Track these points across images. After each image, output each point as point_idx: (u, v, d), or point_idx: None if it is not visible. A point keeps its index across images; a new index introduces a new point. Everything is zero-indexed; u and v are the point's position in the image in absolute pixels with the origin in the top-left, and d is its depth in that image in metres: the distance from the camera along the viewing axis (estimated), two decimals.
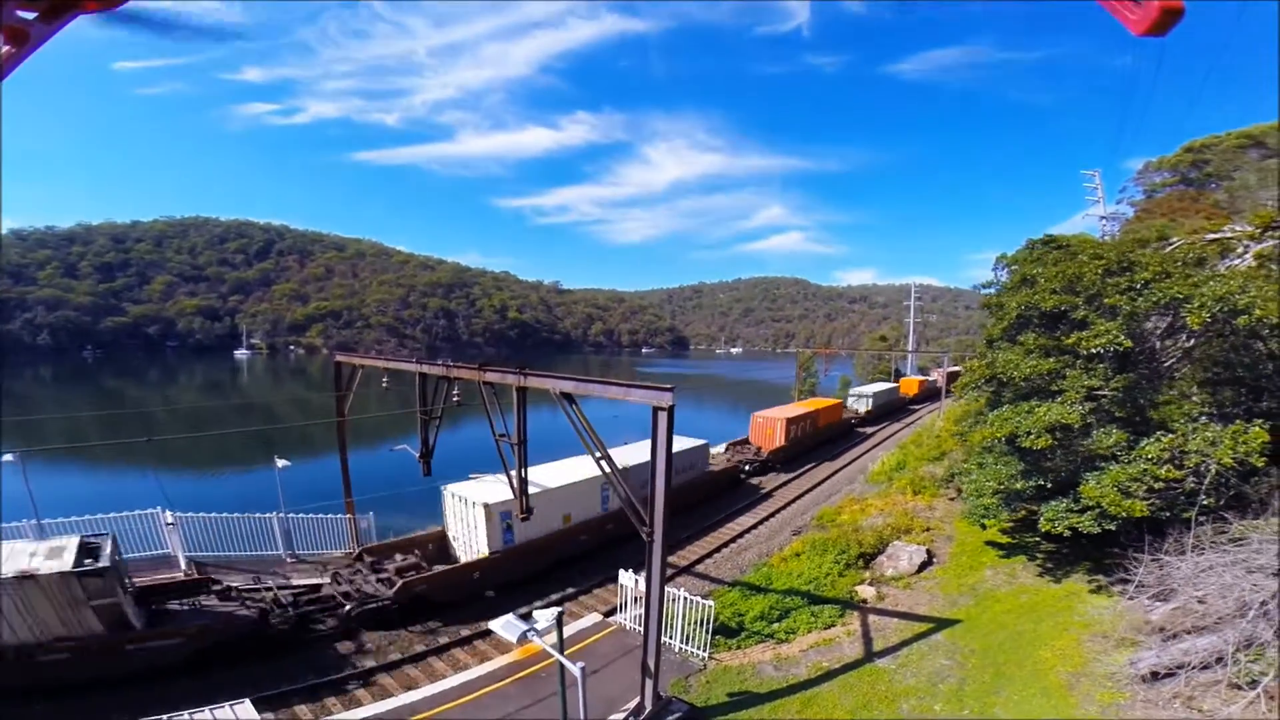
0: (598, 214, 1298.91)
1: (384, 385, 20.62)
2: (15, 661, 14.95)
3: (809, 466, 40.00)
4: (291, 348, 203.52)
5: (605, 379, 12.06)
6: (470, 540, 21.22)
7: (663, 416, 10.60)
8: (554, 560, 22.85)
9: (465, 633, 18.42)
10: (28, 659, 15.07)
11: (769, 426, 39.05)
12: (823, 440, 45.34)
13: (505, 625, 9.67)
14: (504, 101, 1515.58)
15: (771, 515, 30.33)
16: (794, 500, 33.14)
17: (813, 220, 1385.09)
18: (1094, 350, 16.29)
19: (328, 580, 19.97)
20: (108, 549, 15.91)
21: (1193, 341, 16.94)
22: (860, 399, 57.98)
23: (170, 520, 20.84)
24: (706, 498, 31.87)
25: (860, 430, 54.06)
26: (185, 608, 17.28)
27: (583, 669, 9.89)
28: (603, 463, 12.41)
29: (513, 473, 15.72)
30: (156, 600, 17.36)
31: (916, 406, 71.31)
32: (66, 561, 15.29)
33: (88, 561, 15.45)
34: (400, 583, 18.51)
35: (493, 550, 20.59)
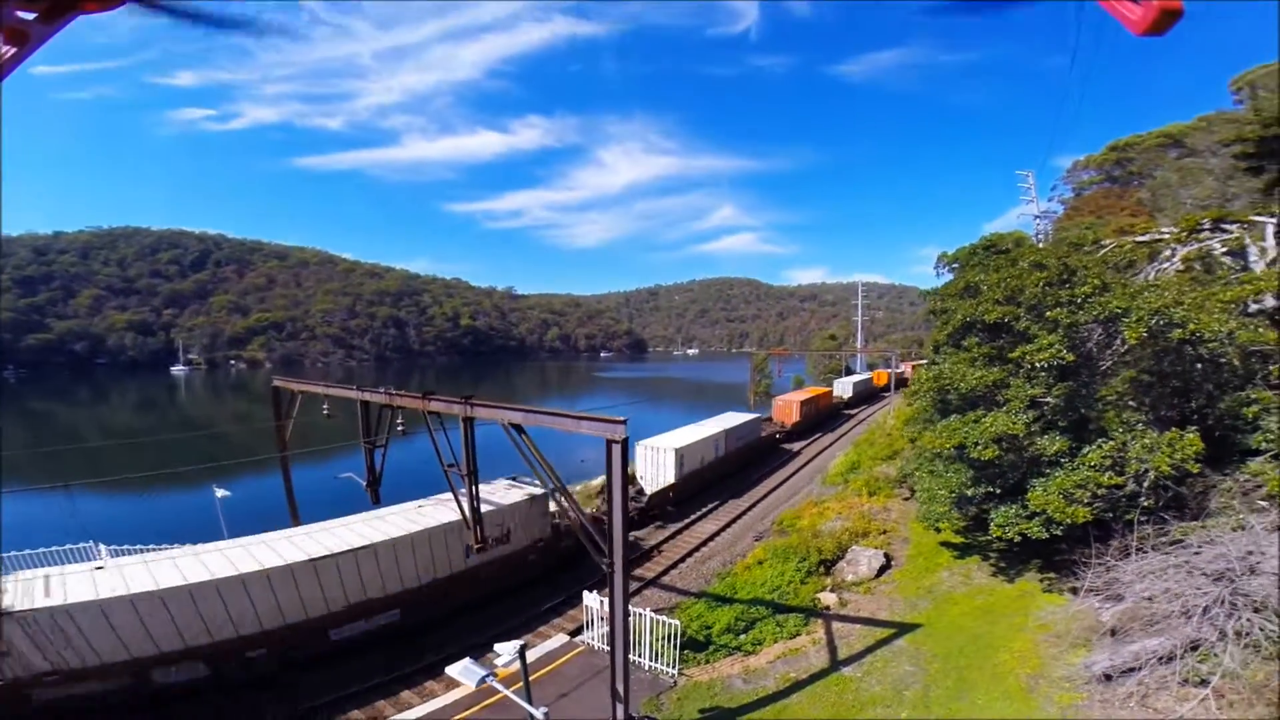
0: (551, 218, 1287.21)
1: (325, 413, 19.68)
2: (519, 563, 22.51)
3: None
4: (232, 362, 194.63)
5: (556, 411, 11.60)
6: (658, 475, 32.11)
7: (616, 449, 10.26)
8: (699, 486, 34.97)
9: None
10: (522, 560, 22.55)
11: (788, 407, 51.55)
12: (823, 418, 58.41)
13: (463, 670, 9.19)
14: (452, 105, 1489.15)
15: (751, 508, 34.02)
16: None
17: (763, 220, 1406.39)
18: (1038, 364, 16.71)
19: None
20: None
21: (1126, 347, 17.60)
22: (844, 387, 70.88)
23: (101, 562, 19.53)
24: (761, 455, 44.13)
25: (846, 412, 66.92)
26: None
27: (546, 713, 9.50)
28: (558, 495, 12.02)
29: (464, 501, 15.13)
30: None
31: (886, 394, 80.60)
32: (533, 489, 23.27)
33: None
34: (646, 499, 30.51)
35: (675, 480, 32.02)
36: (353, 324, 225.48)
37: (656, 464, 32.10)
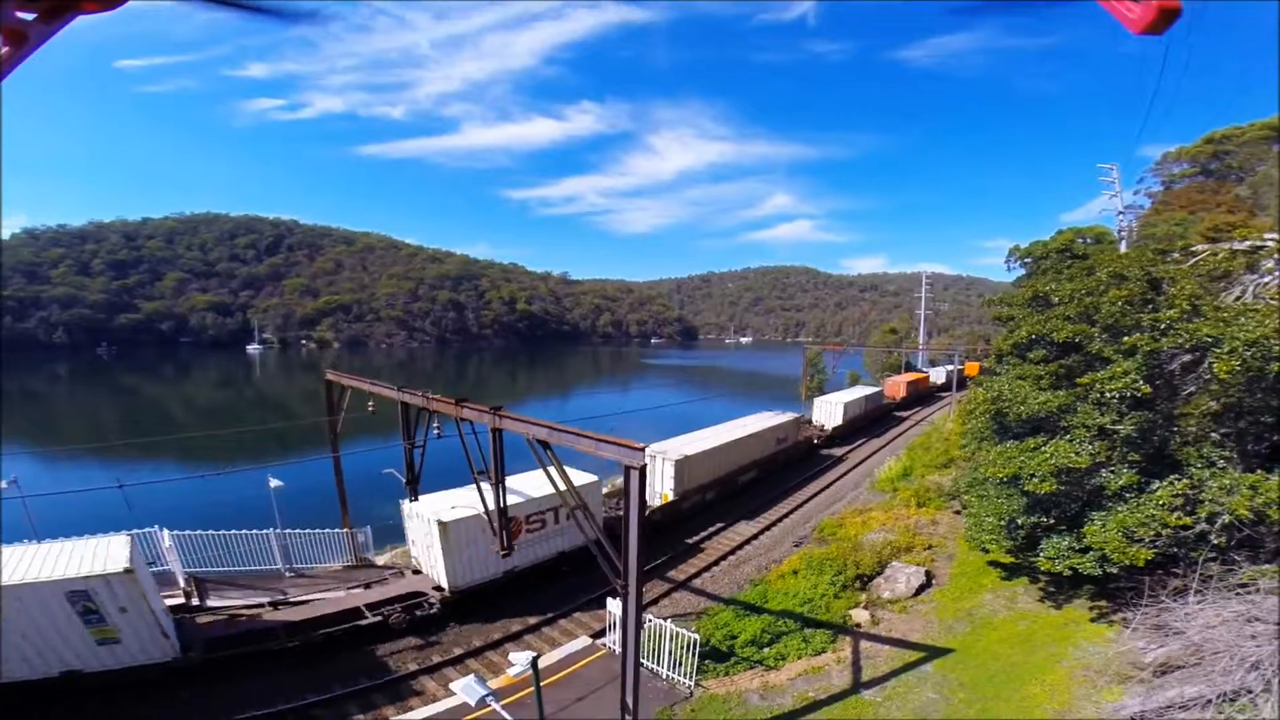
0: (605, 204, 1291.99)
1: (369, 409, 20.47)
2: (793, 451, 40.78)
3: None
4: (303, 342, 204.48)
5: (580, 431, 11.59)
6: (830, 419, 48.77)
7: (634, 475, 10.24)
8: (854, 429, 51.13)
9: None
10: (792, 451, 40.45)
11: (897, 386, 67.87)
12: (921, 396, 74.68)
13: (465, 688, 9.43)
14: (508, 93, 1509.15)
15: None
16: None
17: (821, 208, 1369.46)
18: (1109, 393, 15.43)
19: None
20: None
21: (1211, 376, 15.96)
22: (939, 374, 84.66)
23: (168, 544, 21.04)
24: (883, 416, 60.55)
25: (939, 395, 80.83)
26: None
27: None
28: (573, 507, 12.12)
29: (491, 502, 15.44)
30: None
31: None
32: (795, 414, 42.58)
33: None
34: (830, 429, 47.56)
35: (842, 422, 48.44)
36: (415, 307, 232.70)
37: (829, 412, 49.15)
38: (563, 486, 12.10)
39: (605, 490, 26.56)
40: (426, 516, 19.72)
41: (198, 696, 15.46)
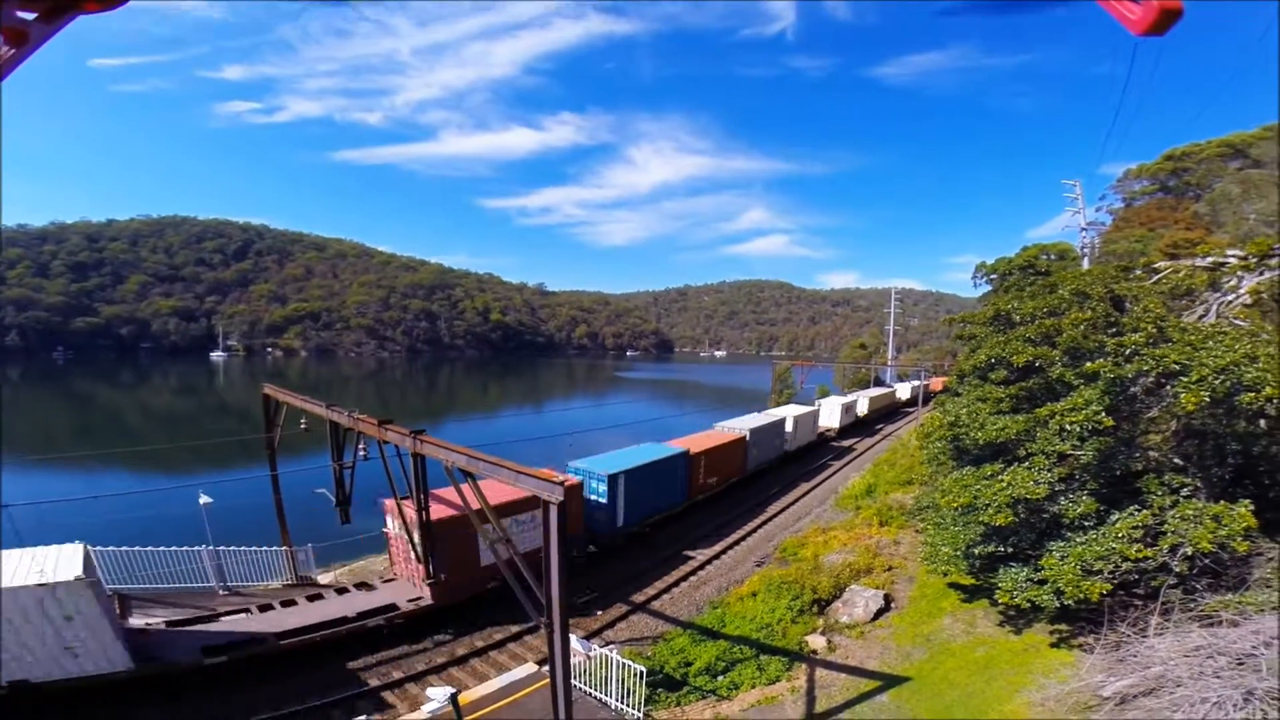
0: (583, 215, 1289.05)
1: (303, 426, 19.38)
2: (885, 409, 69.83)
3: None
4: (269, 350, 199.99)
5: (500, 461, 10.74)
6: (903, 394, 77.51)
7: (553, 510, 9.48)
8: (913, 402, 76.96)
9: (911, 410, 76.20)
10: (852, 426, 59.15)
11: (937, 384, 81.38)
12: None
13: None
14: (488, 101, 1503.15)
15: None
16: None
17: (796, 223, 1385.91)
18: (1068, 425, 14.82)
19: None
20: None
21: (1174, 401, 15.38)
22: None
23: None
24: (899, 410, 76.11)
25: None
26: None
27: None
28: (492, 541, 11.25)
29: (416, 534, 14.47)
30: None
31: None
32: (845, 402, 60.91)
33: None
34: (903, 400, 76.92)
35: (909, 397, 78.32)
36: (386, 316, 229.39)
37: (903, 391, 74.72)
38: (476, 507, 11.25)
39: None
40: (834, 403, 54.34)
41: None
